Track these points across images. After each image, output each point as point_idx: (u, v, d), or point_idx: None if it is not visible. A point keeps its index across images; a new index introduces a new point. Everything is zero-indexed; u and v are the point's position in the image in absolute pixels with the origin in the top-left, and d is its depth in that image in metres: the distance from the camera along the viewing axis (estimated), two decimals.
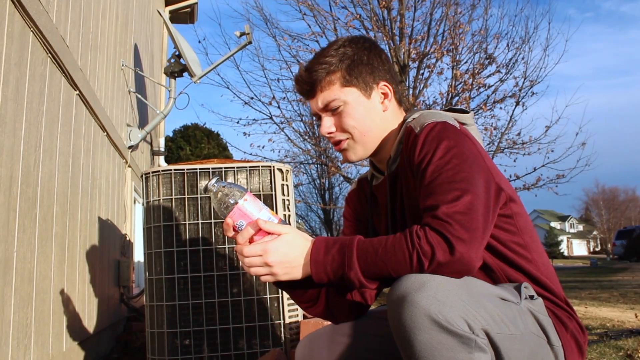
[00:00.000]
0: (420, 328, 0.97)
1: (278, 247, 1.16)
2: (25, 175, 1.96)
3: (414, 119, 1.29)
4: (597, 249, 58.02)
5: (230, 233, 1.22)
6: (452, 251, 1.04)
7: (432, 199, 1.11)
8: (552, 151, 8.75)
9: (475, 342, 0.98)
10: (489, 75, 8.59)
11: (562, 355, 1.17)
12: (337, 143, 1.36)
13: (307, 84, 1.34)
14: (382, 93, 1.35)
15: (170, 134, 15.45)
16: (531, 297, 1.18)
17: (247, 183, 2.47)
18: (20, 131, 1.92)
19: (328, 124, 1.35)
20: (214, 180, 1.22)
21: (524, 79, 8.59)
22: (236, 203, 1.18)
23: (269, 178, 2.49)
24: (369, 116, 1.33)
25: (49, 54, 2.25)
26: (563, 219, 62.26)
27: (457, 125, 1.23)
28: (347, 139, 1.35)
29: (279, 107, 8.92)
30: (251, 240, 1.19)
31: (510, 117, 8.71)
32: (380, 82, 1.35)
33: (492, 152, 8.55)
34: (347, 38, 1.37)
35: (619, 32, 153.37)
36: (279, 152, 13.64)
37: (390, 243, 1.09)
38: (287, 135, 9.36)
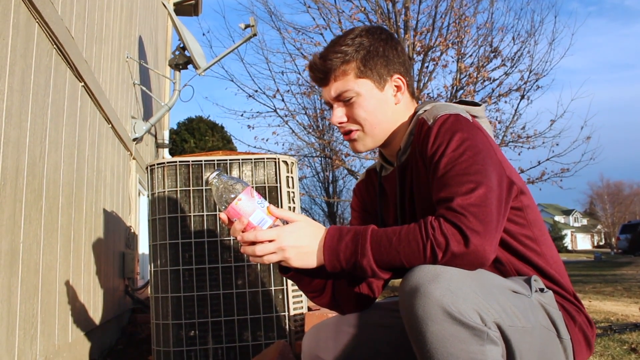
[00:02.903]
0: (432, 319, 0.97)
1: (292, 231, 1.16)
2: (31, 166, 1.96)
3: (425, 110, 1.28)
4: (601, 243, 57.88)
5: (229, 225, 1.21)
6: (466, 243, 1.04)
7: (446, 190, 1.11)
8: (557, 145, 8.70)
9: (487, 334, 0.98)
10: (494, 69, 8.54)
11: (570, 349, 1.17)
12: (347, 133, 1.36)
13: (321, 72, 1.33)
14: (396, 86, 1.35)
15: (175, 127, 15.47)
16: (541, 290, 1.18)
17: (252, 175, 2.47)
18: (26, 123, 1.92)
19: (339, 113, 1.34)
20: (215, 174, 1.21)
21: (529, 73, 8.53)
22: (229, 203, 1.18)
23: (274, 170, 2.49)
24: (381, 109, 1.33)
25: (54, 46, 2.24)
26: (567, 212, 62.16)
27: (469, 118, 1.23)
28: (358, 130, 1.34)
29: (283, 100, 8.89)
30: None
31: (515, 110, 8.66)
32: (394, 75, 1.34)
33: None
34: (364, 28, 1.36)
35: (622, 26, 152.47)
36: (283, 145, 13.67)
37: (405, 233, 1.09)
38: (291, 128, 9.34)
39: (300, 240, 1.16)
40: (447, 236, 1.05)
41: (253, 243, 1.16)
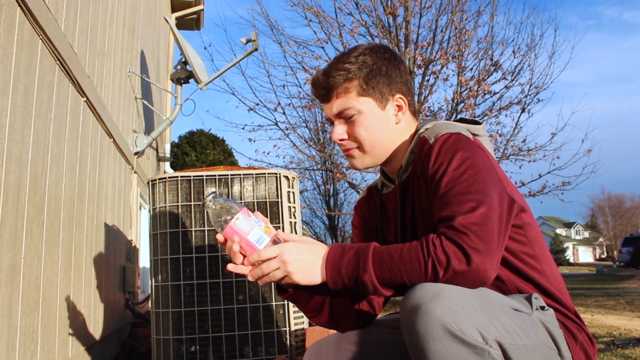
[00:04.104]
0: (434, 337, 0.97)
1: (294, 246, 1.18)
2: (33, 181, 1.97)
3: (427, 129, 1.29)
4: (603, 256, 57.68)
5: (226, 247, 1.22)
6: (468, 261, 1.05)
7: (448, 209, 1.12)
8: (558, 158, 8.71)
9: (488, 352, 0.98)
10: (495, 82, 8.56)
11: None
12: (347, 150, 1.37)
13: (324, 88, 1.34)
14: (397, 105, 1.36)
15: (176, 140, 15.49)
16: (542, 307, 1.18)
17: (253, 190, 2.47)
18: (29, 138, 1.93)
19: (340, 130, 1.35)
20: (210, 197, 1.23)
21: (530, 86, 8.57)
22: (227, 223, 1.19)
23: (275, 185, 2.49)
24: (381, 127, 1.34)
25: (58, 61, 2.26)
26: (569, 225, 62.01)
27: (470, 137, 1.23)
28: (357, 147, 1.35)
29: (284, 113, 8.93)
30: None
31: (516, 123, 8.68)
32: (396, 94, 1.35)
33: (498, 159, 8.51)
34: (367, 46, 1.37)
35: (621, 40, 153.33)
36: (284, 158, 13.64)
37: (406, 250, 1.10)
38: (292, 141, 9.36)
39: (302, 255, 1.17)
40: (449, 254, 1.05)
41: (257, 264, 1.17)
